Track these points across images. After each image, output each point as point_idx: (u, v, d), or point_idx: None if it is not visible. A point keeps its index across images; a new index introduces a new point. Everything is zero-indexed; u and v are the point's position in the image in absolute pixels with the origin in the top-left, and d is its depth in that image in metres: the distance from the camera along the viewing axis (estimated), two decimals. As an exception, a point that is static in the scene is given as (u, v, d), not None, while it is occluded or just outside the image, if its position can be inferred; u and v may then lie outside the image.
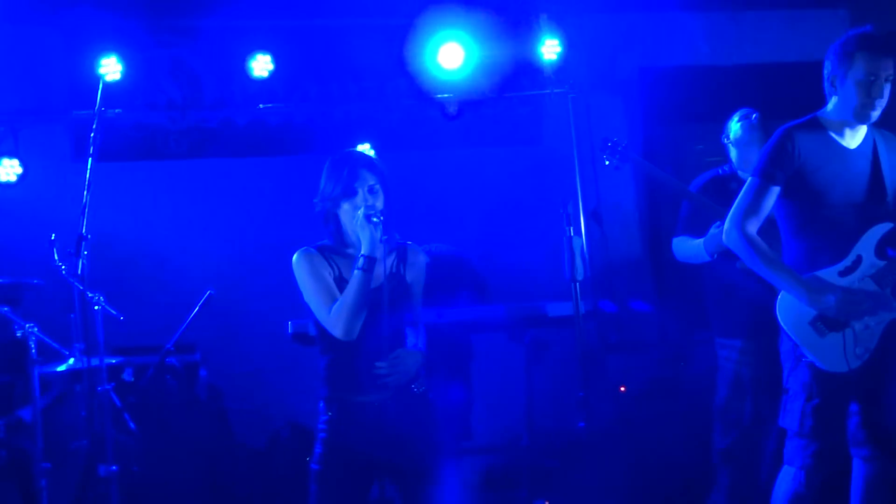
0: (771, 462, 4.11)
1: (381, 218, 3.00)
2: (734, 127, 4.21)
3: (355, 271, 2.98)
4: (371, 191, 3.05)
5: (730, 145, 4.23)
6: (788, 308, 3.23)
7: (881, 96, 3.17)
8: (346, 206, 3.05)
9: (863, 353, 3.16)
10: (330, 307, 3.00)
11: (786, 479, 3.30)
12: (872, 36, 3.18)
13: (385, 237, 2.99)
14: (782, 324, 3.25)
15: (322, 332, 3.07)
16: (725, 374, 4.15)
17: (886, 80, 3.17)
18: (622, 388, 4.70)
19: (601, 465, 4.21)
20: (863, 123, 3.24)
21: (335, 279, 3.06)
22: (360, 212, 3.00)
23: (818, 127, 3.26)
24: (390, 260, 3.12)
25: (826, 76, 3.27)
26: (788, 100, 5.15)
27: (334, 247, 3.11)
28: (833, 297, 3.12)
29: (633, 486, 4.49)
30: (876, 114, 3.21)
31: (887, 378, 3.22)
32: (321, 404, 3.08)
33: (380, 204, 3.05)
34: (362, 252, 2.99)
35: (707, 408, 4.26)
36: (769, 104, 4.29)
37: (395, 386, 3.03)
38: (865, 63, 3.14)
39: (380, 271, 3.03)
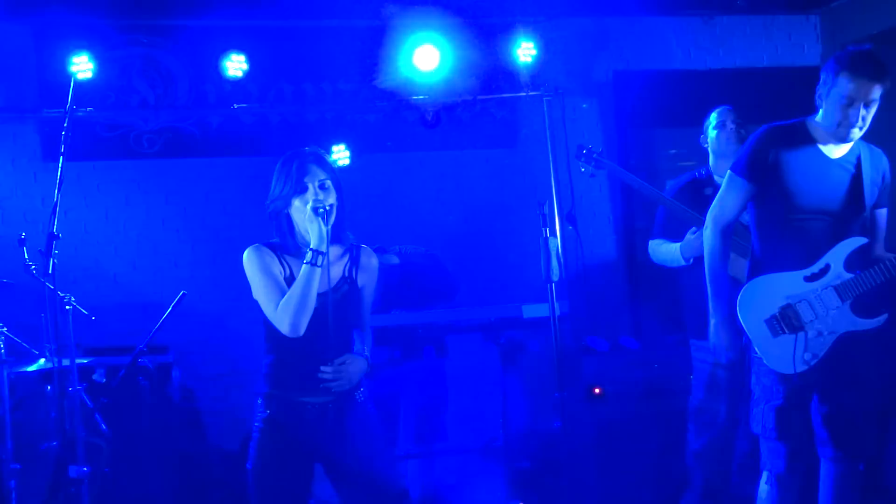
0: (743, 463, 4.14)
1: (330, 208, 2.98)
2: (711, 133, 4.22)
3: (304, 265, 2.96)
4: (322, 186, 3.02)
5: (708, 149, 4.26)
6: (747, 303, 3.28)
7: (858, 119, 3.14)
8: (297, 203, 3.02)
9: (810, 358, 3.20)
10: (278, 303, 2.98)
11: (763, 484, 3.34)
12: (862, 57, 3.13)
13: (329, 235, 2.94)
14: (740, 317, 3.29)
15: (269, 329, 3.04)
16: (701, 376, 4.17)
17: (868, 104, 3.14)
18: (596, 390, 4.71)
19: (576, 466, 4.22)
20: (841, 142, 3.22)
21: (286, 278, 3.03)
22: (309, 206, 2.97)
23: (802, 132, 3.26)
24: (343, 262, 3.10)
25: (818, 86, 3.26)
26: (761, 104, 5.22)
27: (286, 245, 3.08)
28: (718, 342, 3.32)
29: (607, 487, 4.51)
30: (854, 134, 3.18)
31: (842, 385, 3.26)
32: (259, 401, 3.05)
33: (331, 200, 3.02)
34: (311, 246, 2.97)
35: (682, 409, 4.28)
36: (742, 108, 4.32)
37: (338, 391, 3.01)
38: (846, 84, 3.11)
39: (332, 274, 3.02)
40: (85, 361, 4.15)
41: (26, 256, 3.96)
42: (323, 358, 2.99)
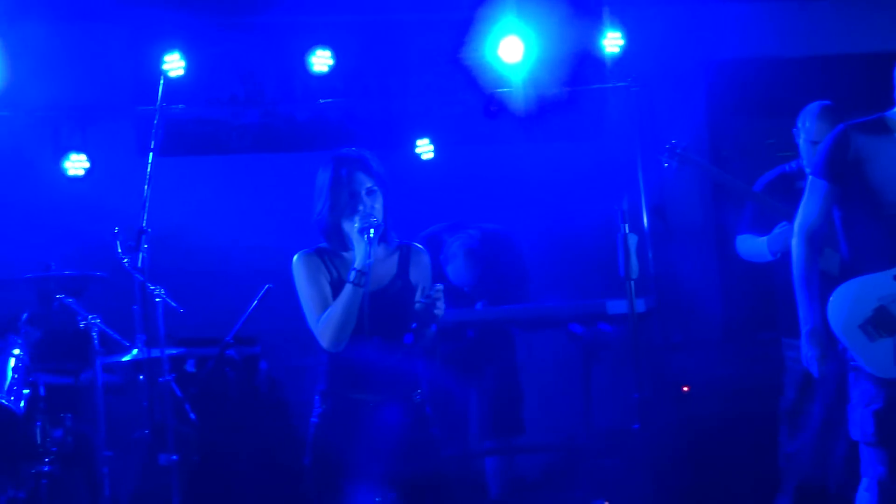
0: (842, 468, 3.99)
1: (379, 226, 2.93)
2: (811, 146, 4.04)
3: (346, 284, 2.93)
4: (369, 193, 2.99)
5: (803, 143, 4.09)
6: (838, 309, 3.14)
7: None
8: (348, 216, 2.99)
9: None
10: (320, 316, 2.98)
11: (863, 492, 3.20)
12: None
13: (374, 248, 2.90)
14: (832, 325, 3.16)
15: None
16: (793, 376, 4.06)
17: None
18: (685, 388, 4.60)
19: (663, 465, 4.13)
20: None
21: (333, 282, 3.01)
22: (356, 225, 2.94)
23: (881, 126, 3.13)
24: (393, 259, 3.07)
25: (894, 73, 3.14)
26: (861, 93, 4.99)
27: (334, 249, 3.06)
28: (810, 353, 3.14)
29: (694, 488, 4.41)
30: None
31: None
32: (316, 398, 3.07)
33: (378, 205, 2.99)
34: (355, 266, 2.94)
35: (773, 409, 4.16)
36: (840, 97, 4.14)
37: (438, 315, 2.93)
38: None
39: (383, 272, 3.01)
40: (175, 352, 4.25)
41: (119, 250, 4.07)
42: (378, 356, 2.96)
